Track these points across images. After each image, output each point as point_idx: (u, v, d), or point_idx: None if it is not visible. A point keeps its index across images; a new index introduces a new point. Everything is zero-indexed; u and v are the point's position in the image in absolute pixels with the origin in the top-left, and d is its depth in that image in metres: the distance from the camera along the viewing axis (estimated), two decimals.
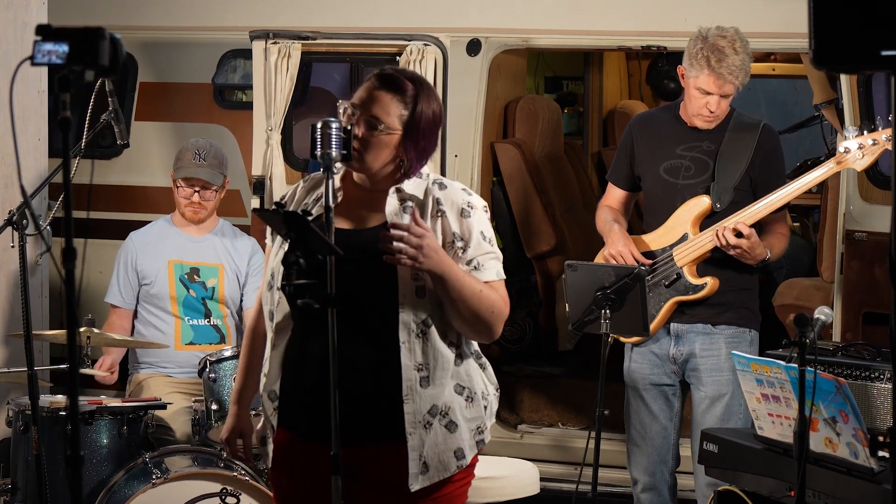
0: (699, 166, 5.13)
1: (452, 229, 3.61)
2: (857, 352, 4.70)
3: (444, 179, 3.71)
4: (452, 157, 6.52)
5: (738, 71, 4.99)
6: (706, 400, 5.09)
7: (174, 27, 7.01)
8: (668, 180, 5.16)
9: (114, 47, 2.68)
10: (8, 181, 5.93)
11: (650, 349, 5.18)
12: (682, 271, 5.11)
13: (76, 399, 2.77)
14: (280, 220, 3.47)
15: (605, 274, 4.97)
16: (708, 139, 5.14)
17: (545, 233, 7.25)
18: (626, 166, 5.31)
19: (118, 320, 5.88)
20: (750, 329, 5.16)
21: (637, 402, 5.22)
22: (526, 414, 6.84)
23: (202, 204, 5.87)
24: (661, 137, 5.22)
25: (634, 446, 5.25)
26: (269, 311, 3.71)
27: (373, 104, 3.60)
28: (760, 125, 5.16)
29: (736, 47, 5.00)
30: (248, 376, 3.90)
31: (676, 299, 5.11)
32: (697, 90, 5.05)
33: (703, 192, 5.11)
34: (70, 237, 2.67)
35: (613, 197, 5.37)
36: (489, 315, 3.59)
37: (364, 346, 3.58)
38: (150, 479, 4.93)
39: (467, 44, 6.48)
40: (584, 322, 5.02)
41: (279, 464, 3.75)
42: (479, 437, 3.71)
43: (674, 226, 5.14)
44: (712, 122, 5.12)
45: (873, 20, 2.48)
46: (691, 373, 5.14)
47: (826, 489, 4.07)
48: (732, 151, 5.11)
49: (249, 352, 3.91)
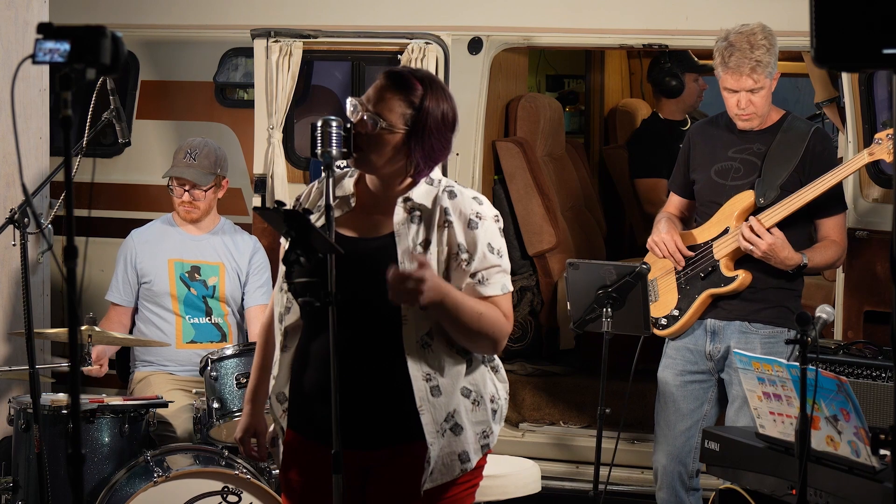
0: (748, 167, 5.10)
1: (458, 241, 3.59)
2: (859, 350, 4.70)
3: (457, 186, 3.67)
4: (454, 155, 6.51)
5: (753, 63, 4.93)
6: (738, 399, 5.03)
7: (175, 25, 7.01)
8: (718, 181, 5.14)
9: (115, 46, 2.68)
10: (9, 179, 5.93)
11: (685, 345, 5.16)
12: (719, 264, 5.08)
13: (78, 397, 2.77)
14: (280, 218, 3.47)
15: (606, 272, 4.97)
16: (759, 142, 5.10)
17: (546, 231, 7.25)
18: (684, 173, 5.30)
19: (117, 317, 5.89)
20: (788, 329, 5.00)
21: (665, 399, 5.19)
22: (527, 412, 6.84)
23: (194, 203, 5.88)
24: (714, 142, 5.20)
25: (659, 443, 5.23)
26: (279, 312, 3.71)
27: (377, 102, 3.59)
28: (812, 128, 5.11)
29: (753, 41, 4.96)
30: (263, 375, 3.88)
31: (710, 292, 5.09)
32: (725, 90, 5.05)
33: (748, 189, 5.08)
34: (71, 235, 2.67)
35: (672, 204, 5.38)
36: (490, 335, 3.58)
37: (371, 351, 3.59)
38: (152, 477, 4.94)
39: (469, 42, 6.48)
40: (585, 320, 5.02)
41: (290, 465, 3.74)
42: (485, 440, 3.68)
43: (718, 220, 5.12)
44: (752, 120, 5.07)
45: (875, 18, 2.48)
46: (728, 370, 5.09)
47: (827, 488, 4.07)
48: (782, 152, 5.06)
49: (264, 350, 3.89)
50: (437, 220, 3.60)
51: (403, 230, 3.60)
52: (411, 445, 3.59)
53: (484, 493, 5.24)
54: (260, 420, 3.91)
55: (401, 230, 3.60)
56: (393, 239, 3.60)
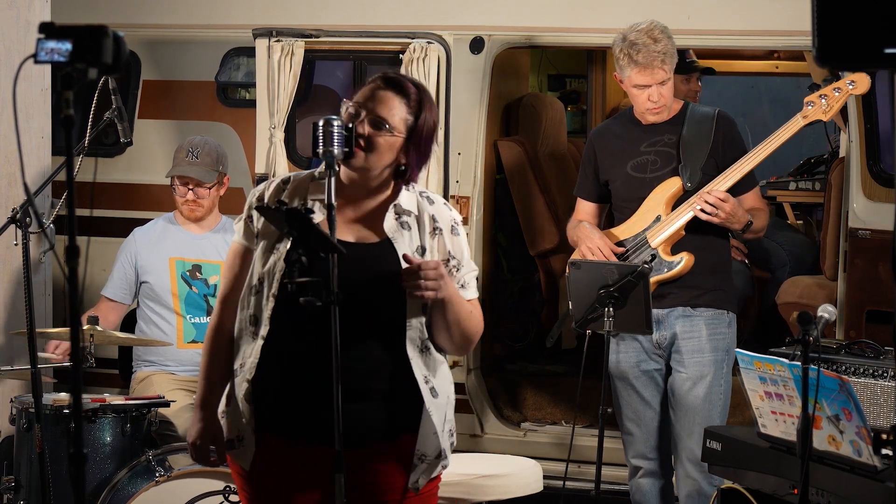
0: (665, 158, 5.22)
1: (448, 248, 3.67)
2: (861, 350, 4.70)
3: (428, 192, 3.75)
4: (455, 154, 6.52)
5: (661, 56, 5.10)
6: (688, 381, 5.16)
7: (177, 25, 7.02)
8: (637, 176, 5.24)
9: (117, 45, 2.68)
10: (11, 179, 5.93)
11: (634, 338, 5.22)
12: (657, 252, 5.16)
13: (79, 397, 2.77)
14: (282, 217, 3.47)
15: (608, 272, 4.98)
16: (668, 132, 5.24)
17: (548, 231, 7.25)
18: (592, 177, 5.40)
19: (106, 312, 5.85)
20: (728, 311, 5.23)
21: (628, 392, 5.28)
22: (529, 412, 6.83)
23: (197, 201, 5.88)
24: (622, 141, 5.31)
25: (629, 435, 5.31)
26: (252, 315, 3.65)
27: (379, 105, 3.59)
28: (716, 111, 5.26)
29: (654, 36, 5.12)
30: (216, 380, 3.77)
31: (655, 279, 5.14)
32: (634, 88, 5.17)
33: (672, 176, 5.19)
34: (73, 235, 2.67)
35: (583, 211, 5.46)
36: (475, 334, 3.71)
37: (365, 350, 3.60)
38: (153, 476, 4.94)
39: (470, 42, 6.48)
40: (587, 320, 5.02)
41: (264, 469, 3.67)
42: (452, 439, 3.77)
43: (645, 211, 5.22)
44: (662, 112, 5.22)
45: (877, 18, 2.48)
46: (674, 355, 5.21)
47: (829, 487, 4.07)
48: (693, 138, 5.19)
49: (215, 355, 3.76)
50: (427, 227, 3.66)
51: (398, 236, 3.62)
52: (395, 443, 3.64)
53: (485, 492, 5.25)
54: (218, 426, 3.77)
55: (395, 236, 3.62)
56: (389, 244, 3.61)
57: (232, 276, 3.75)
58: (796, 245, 7.32)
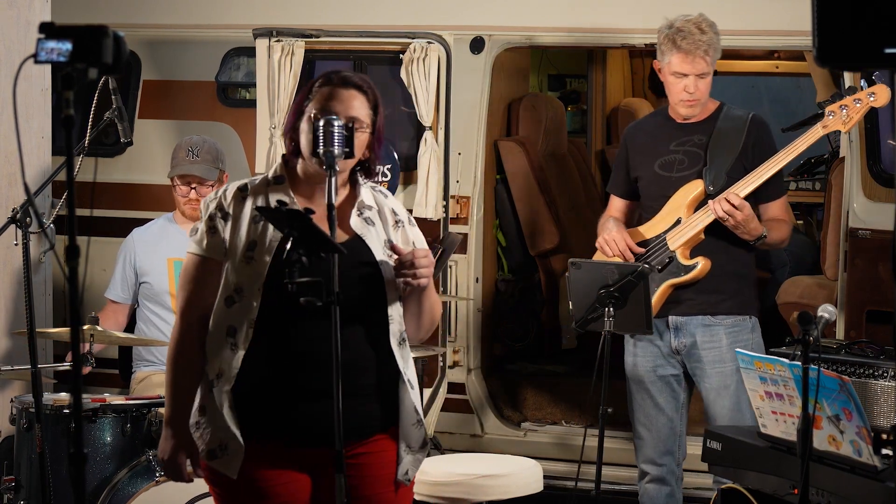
0: (692, 158, 5.16)
1: (411, 238, 3.73)
2: (861, 350, 4.69)
3: (377, 185, 3.78)
4: (456, 154, 6.52)
5: (705, 46, 5.03)
6: (712, 392, 5.11)
7: (177, 25, 7.02)
8: (663, 175, 5.19)
9: (117, 45, 2.68)
10: (11, 179, 5.93)
11: (652, 342, 5.18)
12: (675, 254, 5.12)
13: (80, 397, 2.76)
14: (283, 217, 3.47)
15: (608, 272, 4.97)
16: (699, 132, 5.18)
17: (549, 231, 7.25)
18: (624, 174, 5.35)
19: (112, 315, 5.88)
20: (750, 316, 5.17)
21: (642, 395, 5.22)
22: (529, 412, 6.84)
23: (200, 200, 5.88)
24: (653, 138, 5.26)
25: (640, 439, 5.26)
26: (230, 325, 3.60)
27: (346, 105, 3.60)
28: (749, 115, 5.19)
29: (702, 27, 5.05)
30: (184, 395, 3.69)
31: (670, 282, 5.11)
32: (673, 76, 5.11)
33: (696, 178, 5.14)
34: (73, 235, 2.67)
35: (615, 207, 5.41)
36: (437, 320, 3.81)
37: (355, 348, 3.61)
38: (154, 477, 4.94)
39: (471, 42, 6.49)
40: (587, 320, 5.02)
41: (253, 474, 3.63)
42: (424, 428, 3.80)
43: (668, 213, 5.17)
44: (696, 107, 5.15)
45: (877, 18, 2.48)
46: (695, 365, 5.15)
47: (829, 487, 4.07)
48: (723, 140, 5.13)
49: (182, 369, 3.70)
50: (389, 220, 3.71)
51: (366, 232, 3.65)
52: (384, 436, 3.69)
53: (486, 492, 5.25)
54: (190, 439, 3.69)
55: (364, 232, 3.65)
56: (359, 240, 3.64)
57: (195, 288, 3.68)
58: (796, 245, 7.32)
